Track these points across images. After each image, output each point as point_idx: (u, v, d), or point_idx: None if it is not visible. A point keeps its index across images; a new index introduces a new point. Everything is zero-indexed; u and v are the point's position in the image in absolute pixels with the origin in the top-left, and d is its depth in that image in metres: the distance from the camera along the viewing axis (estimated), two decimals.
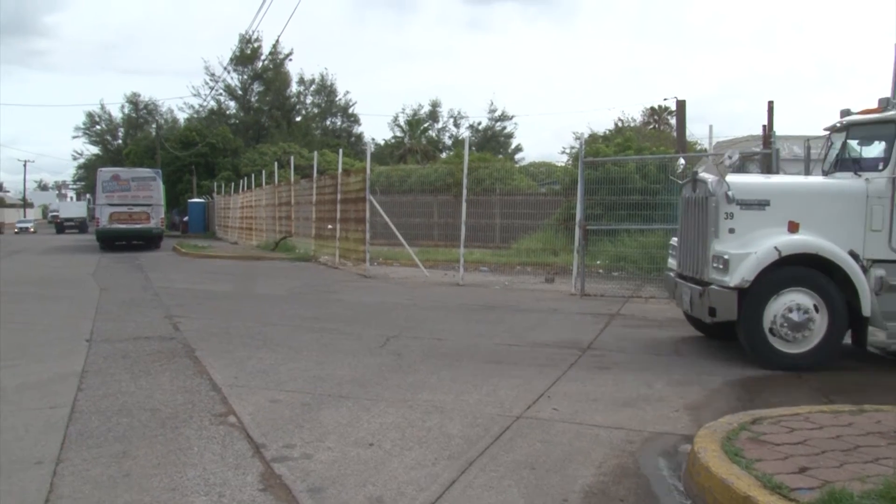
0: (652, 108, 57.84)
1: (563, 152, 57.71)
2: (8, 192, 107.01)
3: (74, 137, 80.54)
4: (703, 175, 9.02)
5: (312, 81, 70.09)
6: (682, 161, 9.75)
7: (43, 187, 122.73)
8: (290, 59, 67.24)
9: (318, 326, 10.55)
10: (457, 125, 72.85)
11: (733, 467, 4.28)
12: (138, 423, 5.73)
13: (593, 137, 42.16)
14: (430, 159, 53.32)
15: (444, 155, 60.46)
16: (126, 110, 77.07)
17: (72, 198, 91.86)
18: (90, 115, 78.02)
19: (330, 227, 22.20)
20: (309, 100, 71.46)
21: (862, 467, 4.32)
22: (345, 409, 6.21)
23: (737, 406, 6.33)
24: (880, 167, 8.39)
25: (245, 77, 65.88)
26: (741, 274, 8.13)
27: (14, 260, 26.18)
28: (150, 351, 8.60)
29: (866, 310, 8.08)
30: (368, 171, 18.90)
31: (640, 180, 15.83)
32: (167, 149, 54.74)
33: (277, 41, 60.60)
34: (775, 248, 8.16)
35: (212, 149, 54.07)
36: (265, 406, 6.25)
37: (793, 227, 8.40)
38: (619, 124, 55.20)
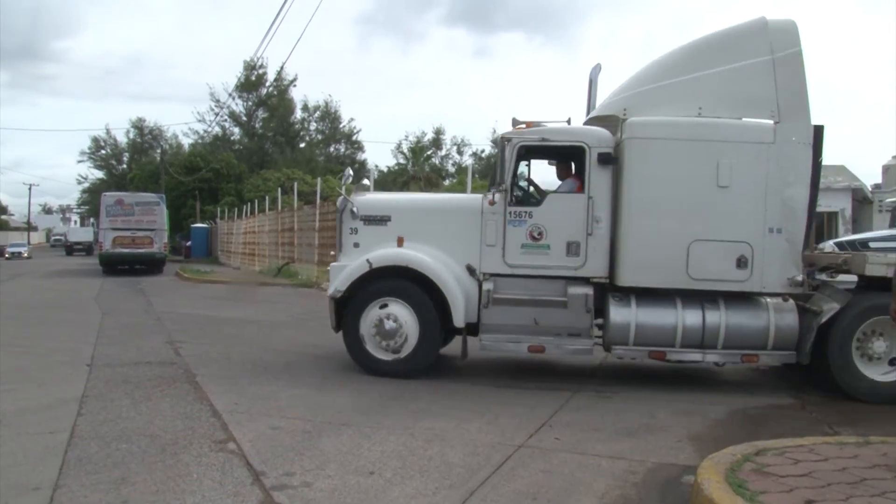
0: None
1: None
2: (13, 215, 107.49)
3: (79, 162, 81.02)
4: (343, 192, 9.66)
5: (317, 108, 70.55)
6: (349, 171, 9.97)
7: (47, 211, 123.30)
8: (295, 86, 67.68)
9: (319, 353, 10.50)
10: (460, 152, 73.20)
11: (737, 499, 4.24)
12: (138, 449, 5.69)
13: None
14: (433, 186, 53.47)
15: (447, 182, 60.65)
16: (131, 135, 77.56)
17: (76, 221, 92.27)
18: (95, 140, 78.48)
19: (332, 253, 22.15)
20: (313, 126, 71.87)
21: (868, 501, 4.28)
22: (345, 436, 6.17)
23: (741, 437, 6.26)
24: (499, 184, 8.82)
25: (249, 103, 66.34)
26: (335, 284, 8.84)
27: (16, 283, 26.20)
28: (151, 376, 8.57)
29: (457, 321, 8.55)
30: None
31: None
32: (171, 174, 54.99)
33: (282, 68, 60.82)
34: (367, 260, 8.76)
35: (216, 174, 54.30)
36: (265, 433, 6.21)
37: (399, 242, 8.97)
38: None
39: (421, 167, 65.02)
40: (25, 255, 56.17)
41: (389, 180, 60.64)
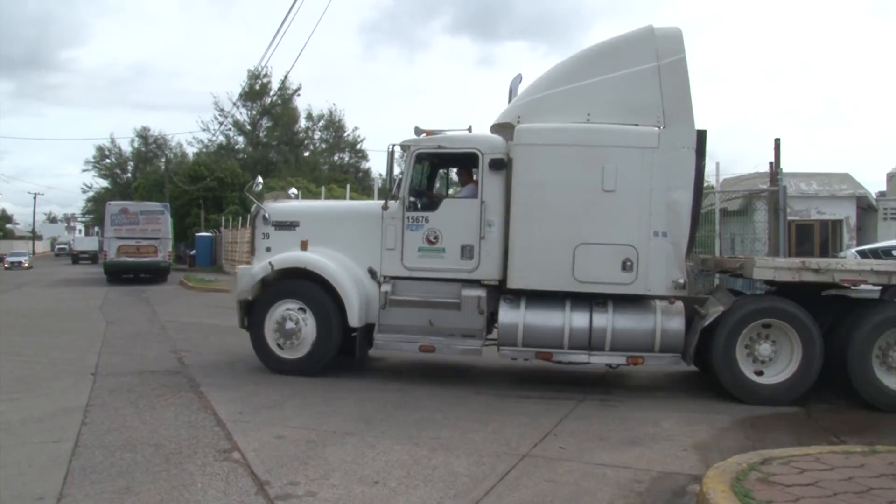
0: None
1: None
2: (17, 224, 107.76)
3: (84, 171, 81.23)
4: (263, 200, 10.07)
5: (321, 117, 70.67)
6: (259, 180, 10.45)
7: (52, 220, 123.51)
8: (299, 95, 67.89)
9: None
10: None
11: None
12: (142, 459, 5.69)
13: None
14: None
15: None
16: (136, 144, 77.83)
17: (80, 230, 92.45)
18: (100, 149, 78.77)
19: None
20: (317, 135, 71.97)
21: None
22: (350, 445, 6.16)
23: (746, 445, 6.25)
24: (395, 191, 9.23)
25: (254, 112, 66.50)
26: (241, 287, 9.39)
27: (21, 292, 26.25)
28: (156, 385, 8.57)
29: (352, 321, 8.92)
30: None
31: None
32: (176, 183, 55.08)
33: (286, 77, 60.93)
34: (270, 263, 9.25)
35: (220, 183, 54.38)
36: (270, 442, 6.20)
37: (303, 245, 9.42)
38: None
39: None
40: (26, 264, 51.55)
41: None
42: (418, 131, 9.07)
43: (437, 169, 9.91)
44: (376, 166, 67.75)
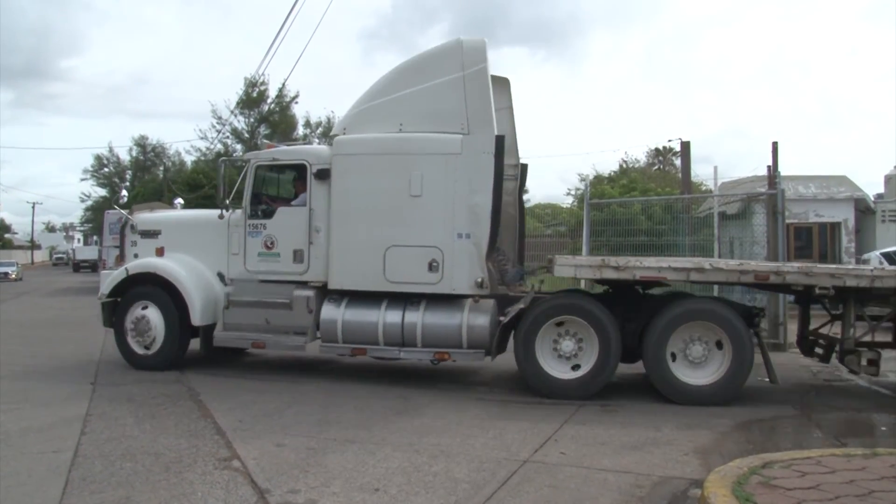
0: (657, 150, 58.11)
1: (568, 194, 57.76)
2: (16, 233, 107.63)
3: (83, 180, 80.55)
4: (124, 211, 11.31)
5: (319, 124, 70.67)
6: (123, 193, 11.20)
7: (51, 229, 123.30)
8: (297, 102, 67.92)
9: (323, 370, 10.51)
10: None
11: None
12: (142, 468, 5.68)
13: (598, 179, 42.30)
14: None
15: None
16: (134, 153, 77.72)
17: (79, 240, 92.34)
18: (98, 158, 78.56)
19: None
20: (315, 142, 72.00)
21: None
22: (350, 453, 6.14)
23: (747, 449, 6.24)
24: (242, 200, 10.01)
25: (252, 120, 66.50)
26: (102, 290, 10.26)
27: (20, 302, 26.21)
28: (155, 394, 8.56)
29: (194, 320, 9.74)
30: None
31: (646, 221, 15.89)
32: (174, 191, 55.08)
33: (284, 84, 61.05)
34: (126, 268, 10.21)
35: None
36: (270, 450, 6.19)
37: (158, 252, 10.41)
38: (624, 166, 55.38)
39: None
40: (13, 276, 46.23)
41: None
42: (264, 144, 9.78)
43: (278, 179, 10.55)
44: None
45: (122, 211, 11.02)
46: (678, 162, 39.54)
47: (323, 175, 9.45)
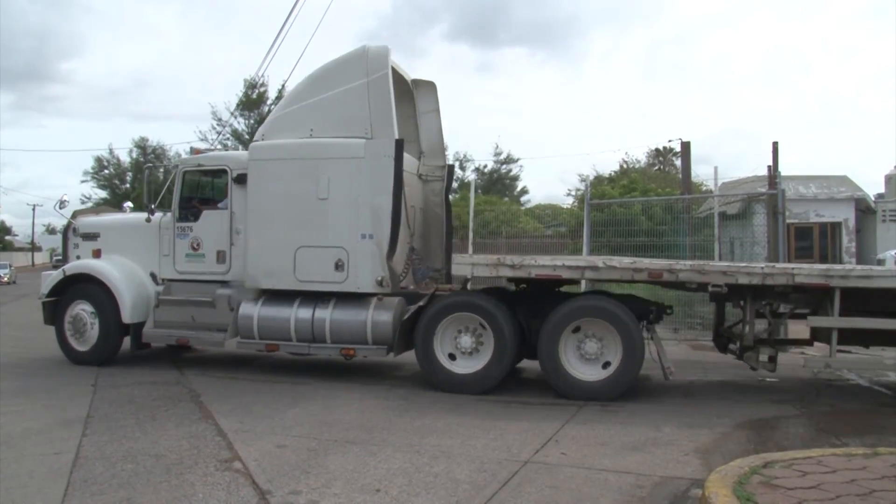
0: (657, 150, 58.02)
1: (568, 194, 57.70)
2: (16, 235, 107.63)
3: (83, 182, 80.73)
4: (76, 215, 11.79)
5: None
6: (65, 198, 12.18)
7: (51, 231, 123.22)
8: None
9: (323, 371, 10.51)
10: (462, 168, 73.30)
11: None
12: (143, 470, 5.68)
13: (599, 179, 42.28)
14: None
15: (450, 198, 60.61)
16: (134, 154, 77.76)
17: None
18: (99, 160, 78.62)
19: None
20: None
21: None
22: (351, 454, 6.15)
23: (748, 449, 6.25)
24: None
25: (252, 121, 66.42)
26: (42, 290, 10.79)
27: (21, 304, 26.22)
28: (156, 396, 8.56)
29: (124, 318, 10.28)
30: None
31: (646, 222, 15.87)
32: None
33: (284, 86, 61.00)
34: (63, 270, 10.78)
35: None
36: (271, 451, 6.19)
37: (94, 254, 11.02)
38: (625, 166, 55.30)
39: None
40: (5, 279, 42.77)
41: None
42: (193, 150, 10.48)
43: (203, 183, 10.99)
44: None
45: (64, 214, 11.69)
46: (678, 162, 39.46)
47: (241, 180, 9.99)
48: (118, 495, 5.10)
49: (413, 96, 10.94)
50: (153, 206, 10.68)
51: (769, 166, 14.05)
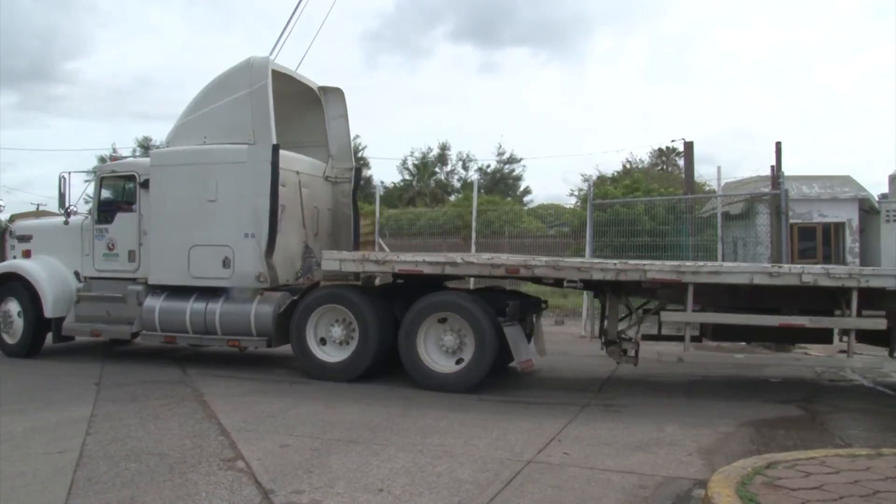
0: (660, 150, 57.88)
1: (571, 194, 57.51)
2: None
3: (86, 181, 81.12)
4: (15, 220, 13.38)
5: None
6: (1, 203, 12.62)
7: None
8: None
9: None
10: (465, 168, 73.08)
11: None
12: (146, 468, 5.69)
13: (602, 179, 42.22)
14: (438, 202, 53.36)
15: (452, 198, 60.49)
16: (137, 154, 77.90)
17: None
18: (102, 160, 78.48)
19: None
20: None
21: None
22: (354, 453, 6.15)
23: (751, 449, 6.24)
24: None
25: None
26: None
27: None
28: (159, 395, 8.58)
29: (46, 312, 11.09)
30: (378, 214, 19.01)
31: (649, 222, 15.86)
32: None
33: None
34: None
35: None
36: (274, 451, 6.20)
37: (25, 254, 11.93)
38: (628, 166, 55.18)
39: (426, 183, 65.04)
40: None
41: (395, 196, 60.60)
42: (111, 156, 11.08)
43: (117, 187, 11.63)
44: (378, 175, 67.76)
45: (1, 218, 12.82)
46: (681, 162, 39.43)
47: (146, 184, 10.83)
48: (122, 494, 5.11)
49: (322, 103, 11.95)
50: (69, 209, 11.60)
51: (772, 166, 14.03)
